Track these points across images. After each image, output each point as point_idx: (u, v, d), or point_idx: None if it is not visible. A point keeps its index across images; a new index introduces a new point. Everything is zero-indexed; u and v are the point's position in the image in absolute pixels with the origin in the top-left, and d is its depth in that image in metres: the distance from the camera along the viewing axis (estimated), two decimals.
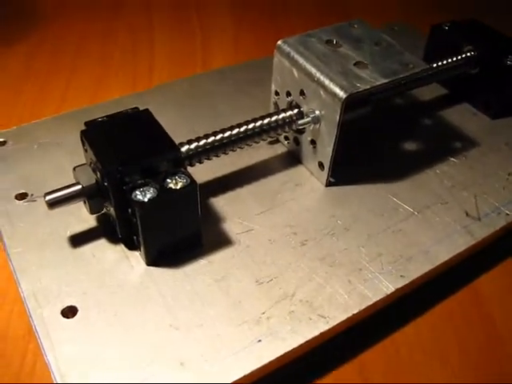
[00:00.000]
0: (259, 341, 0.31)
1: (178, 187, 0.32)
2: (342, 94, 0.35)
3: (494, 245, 0.39)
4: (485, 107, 0.47)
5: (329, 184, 0.40)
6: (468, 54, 0.45)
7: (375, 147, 0.44)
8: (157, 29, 0.65)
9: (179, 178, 0.33)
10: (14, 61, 0.58)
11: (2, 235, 0.36)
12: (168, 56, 0.59)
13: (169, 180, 0.33)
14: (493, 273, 0.39)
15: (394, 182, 0.41)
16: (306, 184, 0.40)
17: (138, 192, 0.32)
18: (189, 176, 0.33)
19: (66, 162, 0.41)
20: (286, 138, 0.42)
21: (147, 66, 0.57)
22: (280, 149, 0.43)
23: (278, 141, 0.43)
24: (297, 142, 0.41)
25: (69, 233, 0.36)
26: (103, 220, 0.37)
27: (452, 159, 0.43)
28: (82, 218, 0.37)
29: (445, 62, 0.45)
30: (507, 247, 0.41)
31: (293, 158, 0.42)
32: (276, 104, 0.41)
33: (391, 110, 0.48)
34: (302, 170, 0.41)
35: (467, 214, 0.39)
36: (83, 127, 0.37)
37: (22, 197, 0.39)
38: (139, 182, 0.32)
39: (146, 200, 0.32)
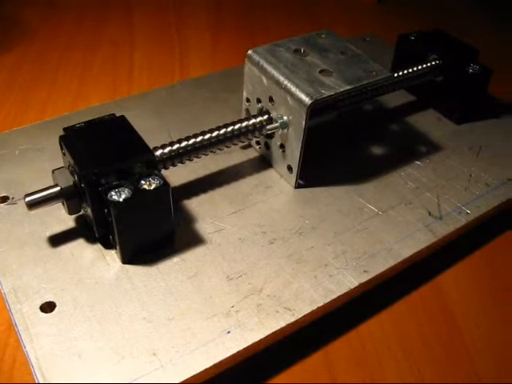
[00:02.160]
0: (228, 332, 0.33)
1: (152, 188, 0.34)
2: (307, 100, 0.37)
3: (456, 242, 0.41)
4: (449, 113, 0.49)
5: (298, 186, 0.42)
6: (433, 63, 0.48)
7: (343, 151, 0.46)
8: (137, 39, 0.67)
9: (153, 179, 0.35)
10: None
11: None
12: (147, 65, 0.61)
13: (143, 181, 0.34)
14: (455, 269, 0.41)
15: (360, 184, 0.43)
16: (276, 186, 0.42)
17: (113, 193, 0.34)
18: (162, 178, 0.35)
19: (46, 166, 0.42)
20: (258, 143, 0.44)
21: (126, 76, 0.59)
22: (252, 153, 0.45)
23: (249, 145, 0.45)
24: (267, 146, 0.43)
25: (48, 233, 0.38)
26: (81, 221, 0.39)
27: (417, 162, 0.45)
28: (60, 218, 0.39)
29: (411, 70, 0.47)
30: (469, 244, 0.43)
31: (264, 162, 0.44)
32: (247, 110, 0.43)
33: (360, 115, 0.50)
34: (273, 174, 0.43)
35: (430, 214, 0.41)
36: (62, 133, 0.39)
37: (3, 200, 0.40)
38: (114, 183, 0.34)
39: (120, 200, 0.33)
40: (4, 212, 0.39)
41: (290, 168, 0.41)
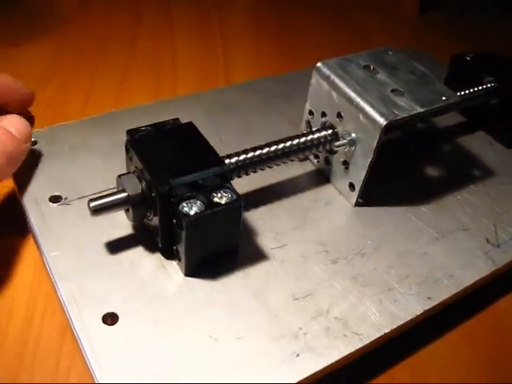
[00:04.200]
0: (298, 355, 0.32)
1: (224, 201, 0.33)
2: (382, 120, 0.36)
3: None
4: (501, 136, 0.49)
5: (357, 204, 0.41)
6: (488, 85, 0.47)
7: (399, 170, 0.45)
8: (177, 35, 0.65)
9: (224, 192, 0.34)
10: (35, 61, 0.57)
11: (37, 238, 0.36)
12: (190, 64, 0.60)
13: (214, 194, 0.34)
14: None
15: (418, 206, 0.42)
16: (335, 203, 0.41)
17: (184, 204, 0.33)
18: (234, 191, 0.34)
19: (98, 166, 0.42)
20: (316, 157, 0.43)
21: (170, 75, 0.58)
22: (309, 166, 0.44)
23: (307, 158, 0.44)
24: (327, 161, 0.42)
25: (106, 238, 0.37)
26: (139, 227, 0.37)
27: (471, 186, 0.45)
28: (118, 223, 0.37)
29: (467, 91, 0.46)
30: None
31: (321, 177, 0.43)
32: (308, 123, 0.43)
33: (413, 133, 0.49)
34: (331, 189, 0.42)
35: (487, 241, 0.40)
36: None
37: (56, 199, 0.39)
38: (186, 194, 0.33)
39: (192, 213, 0.32)
40: (57, 212, 0.38)
41: (351, 186, 0.40)
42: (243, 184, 0.41)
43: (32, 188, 0.39)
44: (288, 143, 0.39)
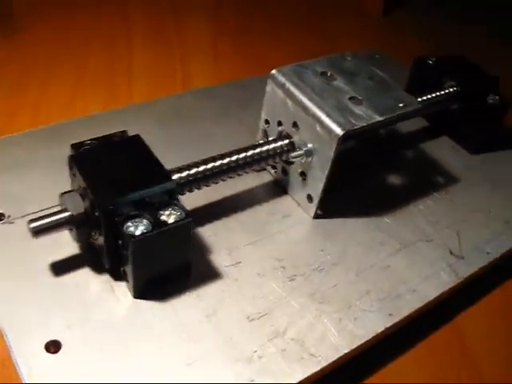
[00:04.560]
0: (252, 381, 0.30)
1: (172, 220, 0.32)
2: (338, 130, 0.35)
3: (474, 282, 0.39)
4: (464, 142, 0.48)
5: (316, 216, 0.40)
6: (451, 90, 0.46)
7: (360, 179, 0.44)
8: (134, 39, 0.63)
9: (173, 210, 0.32)
10: None
11: None
12: (146, 72, 0.58)
13: (162, 212, 0.32)
14: (474, 309, 0.40)
15: (379, 216, 0.41)
16: (294, 215, 0.40)
17: (130, 224, 0.31)
18: (182, 209, 0.32)
19: (45, 181, 0.40)
20: (273, 167, 0.42)
21: (125, 82, 0.56)
22: (266, 177, 0.43)
23: (264, 169, 0.43)
24: (285, 172, 0.41)
25: (50, 259, 0.35)
26: (86, 247, 0.36)
27: (435, 194, 0.44)
28: (63, 243, 0.35)
29: (429, 96, 0.45)
30: (487, 283, 0.41)
31: (279, 187, 0.42)
32: (265, 132, 0.41)
33: (374, 140, 0.48)
34: (289, 201, 0.41)
35: (451, 252, 0.39)
36: (64, 144, 0.36)
37: None
38: (132, 213, 0.31)
39: (138, 233, 0.30)
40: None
41: (310, 197, 0.39)
42: (197, 197, 0.39)
43: None
44: (242, 155, 0.37)
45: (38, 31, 0.62)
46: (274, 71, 0.39)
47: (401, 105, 0.38)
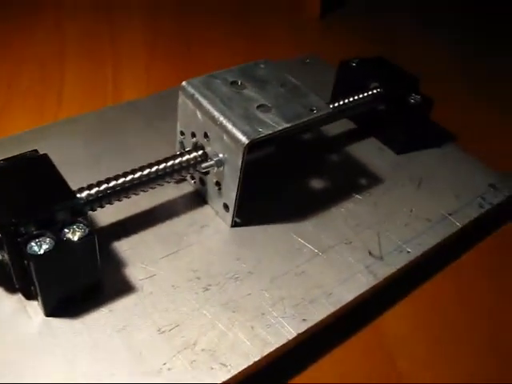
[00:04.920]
0: None
1: (76, 238, 0.32)
2: (244, 139, 0.35)
3: (395, 281, 0.40)
4: (390, 142, 0.48)
5: (234, 224, 0.40)
6: (374, 91, 0.46)
7: (281, 185, 0.44)
8: (67, 57, 0.63)
9: (77, 227, 0.32)
10: None
11: None
12: (78, 86, 0.58)
13: (66, 230, 0.32)
14: (395, 309, 0.40)
15: (299, 222, 0.41)
16: (212, 225, 0.40)
17: (33, 243, 0.31)
18: (86, 226, 0.32)
19: None
20: (192, 178, 0.42)
21: (55, 97, 0.56)
22: (186, 187, 0.43)
23: (184, 180, 0.43)
24: (202, 182, 0.41)
25: None
26: None
27: (357, 196, 0.44)
28: None
29: (351, 99, 0.46)
30: (407, 283, 0.42)
31: (198, 198, 0.42)
32: (182, 143, 0.41)
33: (297, 145, 0.48)
34: (208, 211, 0.41)
35: (370, 253, 0.39)
36: None
37: None
38: (35, 232, 0.31)
39: (41, 252, 0.31)
40: None
41: (226, 206, 0.39)
42: (113, 211, 0.39)
43: None
44: (154, 168, 0.37)
45: None
46: (183, 83, 0.39)
47: (312, 111, 0.38)
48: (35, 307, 0.34)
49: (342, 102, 0.45)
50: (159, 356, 0.32)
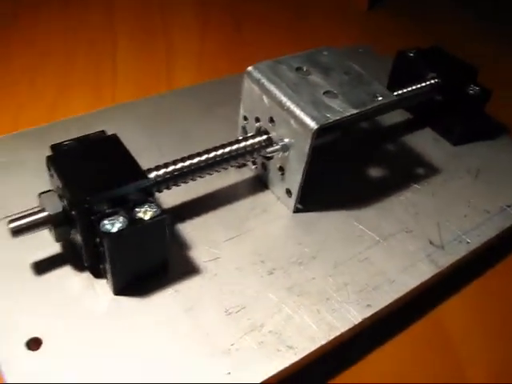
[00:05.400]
0: (228, 373, 0.31)
1: (148, 217, 0.32)
2: (312, 124, 0.35)
3: (456, 271, 0.40)
4: (447, 133, 0.48)
5: (296, 210, 0.40)
6: (432, 82, 0.46)
7: (340, 173, 0.44)
8: (120, 44, 0.63)
9: (149, 207, 0.32)
10: None
11: None
12: (131, 72, 0.58)
13: (138, 209, 0.32)
14: (454, 300, 0.40)
15: (359, 209, 0.41)
16: (273, 210, 0.40)
17: (106, 222, 0.31)
18: (158, 206, 0.33)
19: (28, 182, 0.40)
20: (254, 163, 0.42)
21: (110, 82, 0.56)
22: (247, 173, 0.43)
23: (244, 165, 0.43)
24: (264, 167, 0.41)
25: (31, 259, 0.35)
26: (67, 245, 0.36)
27: (415, 186, 0.44)
28: (44, 242, 0.36)
29: (409, 89, 0.45)
30: (467, 274, 0.42)
31: (259, 183, 0.42)
32: (244, 128, 0.41)
33: (354, 134, 0.48)
34: (269, 196, 0.41)
35: (431, 243, 0.39)
36: (46, 146, 0.36)
37: None
38: (108, 211, 0.32)
39: (114, 231, 0.31)
40: None
41: (288, 191, 0.39)
42: (177, 194, 0.39)
43: None
44: (219, 152, 0.38)
45: (25, 32, 0.62)
46: (249, 68, 0.39)
47: (376, 98, 0.38)
48: (103, 285, 0.34)
49: (400, 92, 0.45)
50: (227, 337, 0.32)
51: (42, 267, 0.35)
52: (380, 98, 0.38)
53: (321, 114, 0.36)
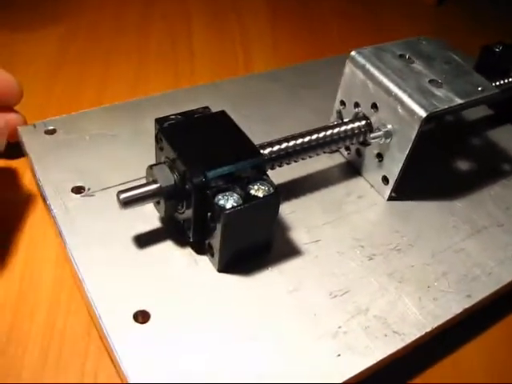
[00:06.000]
0: (339, 355, 0.31)
1: (261, 195, 0.32)
2: (421, 112, 0.35)
3: None
4: None
5: (389, 198, 0.40)
6: None
7: (430, 164, 0.44)
8: (194, 24, 0.63)
9: (261, 185, 0.32)
10: (47, 46, 0.55)
11: (61, 230, 0.35)
12: (207, 54, 0.58)
13: (251, 186, 0.32)
14: None
15: (451, 200, 0.41)
16: (368, 196, 0.40)
17: (220, 197, 0.31)
18: (271, 184, 0.32)
19: (121, 155, 0.40)
20: (347, 149, 0.42)
21: (187, 63, 0.56)
22: (337, 159, 0.43)
23: (337, 150, 0.43)
24: (359, 153, 0.41)
25: (132, 232, 0.35)
26: (166, 220, 0.36)
27: (504, 181, 0.44)
28: (144, 216, 0.36)
29: (497, 83, 0.45)
30: None
31: (351, 169, 0.42)
32: (339, 113, 0.41)
33: (442, 127, 0.48)
34: (362, 182, 0.41)
35: None
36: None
37: (78, 190, 0.37)
38: (222, 186, 0.32)
39: (229, 206, 0.31)
40: (80, 204, 0.36)
41: (385, 179, 0.39)
42: (273, 176, 0.39)
43: (53, 179, 0.37)
44: (322, 134, 0.38)
45: (99, 13, 0.62)
46: (353, 53, 0.39)
47: (479, 89, 0.38)
48: (206, 262, 0.34)
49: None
50: (333, 319, 0.32)
51: (144, 241, 0.35)
52: (482, 89, 0.38)
53: (429, 102, 0.36)
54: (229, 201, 0.31)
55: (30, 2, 0.60)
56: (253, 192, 0.32)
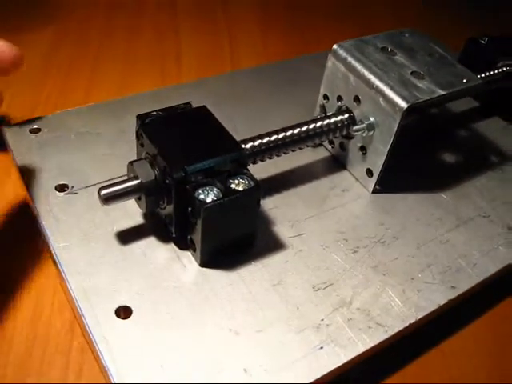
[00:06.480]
0: (321, 348, 0.31)
1: (241, 188, 0.32)
2: (403, 103, 0.35)
3: None
4: None
5: (374, 191, 0.40)
6: (504, 69, 0.46)
7: (415, 156, 0.44)
8: (181, 22, 0.63)
9: (242, 179, 0.32)
10: (36, 48, 0.55)
11: (44, 228, 0.35)
12: (195, 51, 0.58)
13: (231, 180, 0.32)
14: None
15: (435, 192, 0.41)
16: (352, 190, 0.40)
17: (200, 191, 0.31)
18: (252, 178, 0.32)
19: (105, 152, 0.40)
20: (331, 143, 0.42)
21: (174, 61, 0.56)
22: (321, 153, 0.43)
23: (320, 144, 0.43)
24: (342, 147, 0.41)
25: (115, 229, 0.35)
26: (149, 216, 0.36)
27: (490, 172, 0.44)
28: (126, 213, 0.36)
29: (483, 75, 0.45)
30: None
31: (335, 163, 0.42)
32: (323, 107, 0.41)
33: (427, 119, 0.48)
34: (347, 176, 0.41)
35: (509, 228, 0.39)
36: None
37: (61, 188, 0.37)
38: (202, 181, 0.32)
39: (209, 200, 0.31)
40: (64, 202, 0.36)
41: (369, 172, 0.39)
42: (256, 172, 0.39)
43: (38, 177, 0.38)
44: (304, 128, 0.38)
45: (90, 15, 0.62)
46: (335, 46, 0.39)
47: (462, 80, 0.38)
48: (188, 257, 0.34)
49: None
50: (316, 312, 0.32)
51: (126, 237, 0.35)
52: (466, 81, 0.38)
53: (411, 94, 0.36)
54: (209, 195, 0.31)
55: (19, 4, 0.60)
56: (233, 186, 0.32)
